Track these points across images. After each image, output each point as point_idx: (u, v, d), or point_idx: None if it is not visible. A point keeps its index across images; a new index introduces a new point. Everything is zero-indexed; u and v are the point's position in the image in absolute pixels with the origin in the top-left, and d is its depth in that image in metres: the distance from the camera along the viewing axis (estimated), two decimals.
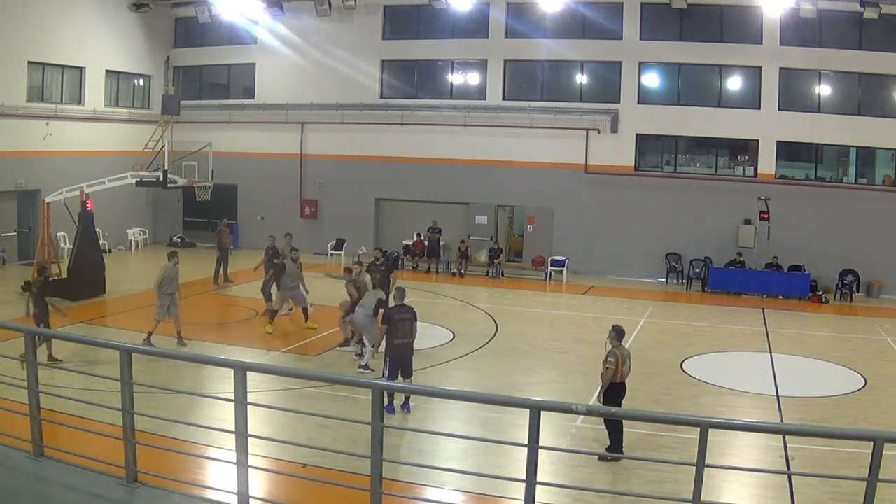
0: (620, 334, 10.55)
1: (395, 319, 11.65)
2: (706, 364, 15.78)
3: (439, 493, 9.04)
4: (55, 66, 25.56)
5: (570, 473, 9.87)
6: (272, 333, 16.84)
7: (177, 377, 13.16)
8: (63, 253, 23.11)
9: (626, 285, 24.83)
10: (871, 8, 22.46)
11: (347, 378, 13.07)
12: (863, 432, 8.84)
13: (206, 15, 28.19)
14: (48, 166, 24.29)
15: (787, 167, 25.28)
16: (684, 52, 25.11)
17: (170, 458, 8.45)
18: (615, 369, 10.19)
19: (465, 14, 26.94)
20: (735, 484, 9.62)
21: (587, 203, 26.15)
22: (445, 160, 27.20)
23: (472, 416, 11.98)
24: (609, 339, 10.51)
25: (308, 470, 9.12)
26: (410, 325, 11.77)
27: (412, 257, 26.71)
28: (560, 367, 15.35)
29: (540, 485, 5.31)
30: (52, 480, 6.30)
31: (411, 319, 11.80)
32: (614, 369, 10.19)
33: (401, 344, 11.66)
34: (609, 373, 10.21)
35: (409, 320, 11.76)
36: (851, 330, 20.12)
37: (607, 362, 10.26)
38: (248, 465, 5.87)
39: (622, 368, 10.28)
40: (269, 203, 29.05)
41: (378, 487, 5.54)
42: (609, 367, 10.21)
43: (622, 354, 10.36)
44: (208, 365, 13.15)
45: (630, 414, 9.91)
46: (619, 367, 10.21)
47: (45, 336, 12.12)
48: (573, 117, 26.01)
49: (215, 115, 29.28)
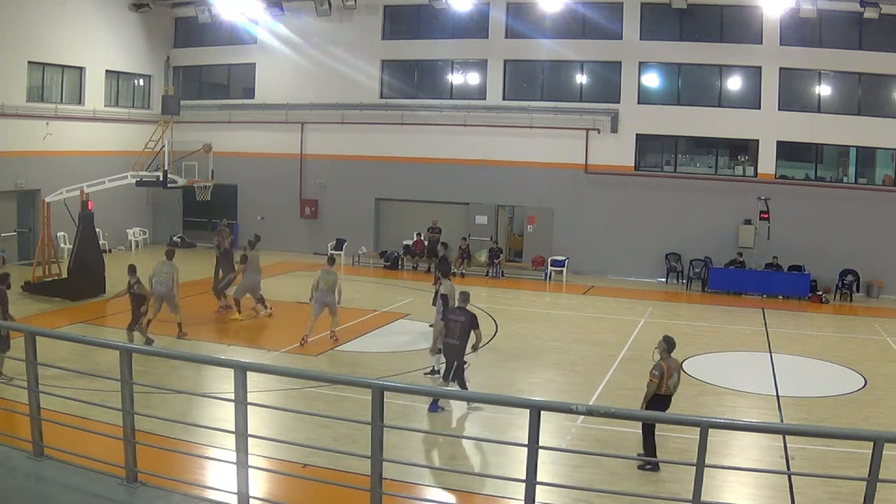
0: (671, 346, 10.08)
1: (448, 319, 12.14)
2: (706, 364, 15.78)
3: (439, 493, 9.05)
4: (55, 66, 25.56)
5: (570, 473, 9.87)
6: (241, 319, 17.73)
7: (177, 377, 13.15)
8: (63, 253, 23.12)
9: (626, 285, 24.83)
10: (871, 8, 22.45)
11: (347, 378, 13.06)
12: (863, 432, 8.84)
13: (206, 15, 28.18)
14: (48, 166, 24.29)
15: (786, 167, 25.28)
16: (684, 52, 25.11)
17: (170, 458, 8.45)
18: (659, 382, 9.79)
19: (465, 14, 26.93)
20: (735, 484, 9.62)
21: (587, 203, 26.15)
22: (445, 160, 27.20)
23: (472, 416, 11.99)
24: (657, 349, 10.09)
25: (308, 470, 9.13)
26: (461, 328, 11.92)
27: (412, 257, 26.72)
28: (560, 367, 15.35)
29: (540, 485, 5.31)
30: (52, 480, 6.30)
31: (464, 323, 11.94)
32: (658, 382, 9.79)
33: (449, 344, 12.02)
34: (652, 385, 9.82)
35: (461, 323, 11.94)
36: (851, 330, 20.13)
37: (651, 374, 9.86)
38: (248, 465, 5.87)
39: (667, 381, 9.83)
40: (269, 203, 29.06)
41: (378, 487, 5.54)
42: (653, 380, 9.81)
43: (669, 367, 9.90)
44: (208, 365, 13.19)
45: (630, 414, 9.89)
46: (663, 380, 9.78)
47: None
48: (573, 117, 26.01)
49: (215, 115, 29.28)
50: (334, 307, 15.97)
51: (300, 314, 19.54)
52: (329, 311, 15.92)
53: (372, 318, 18.85)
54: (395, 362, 15.08)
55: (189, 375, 13.49)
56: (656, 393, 9.87)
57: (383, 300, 21.10)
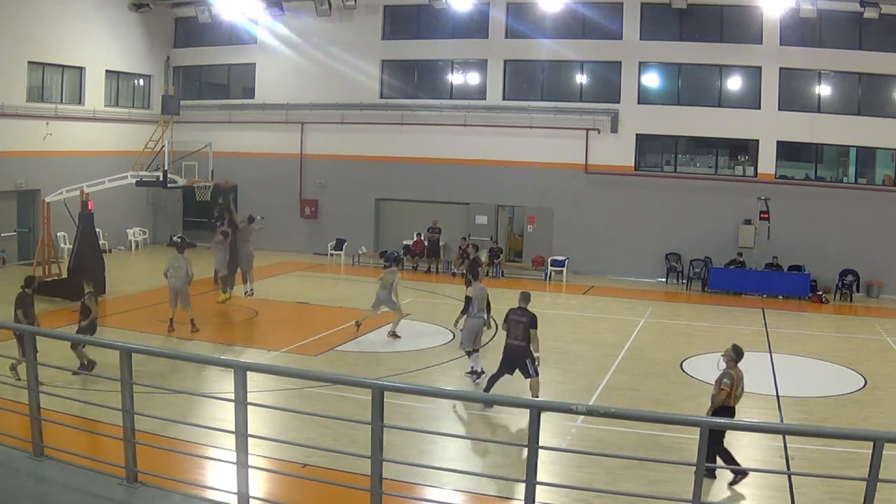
0: (739, 355, 9.73)
1: (510, 319, 12.21)
2: (706, 364, 15.75)
3: (439, 493, 9.04)
4: (55, 66, 25.57)
5: (570, 473, 9.87)
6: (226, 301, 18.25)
7: (177, 377, 13.15)
8: (63, 253, 23.12)
9: (626, 285, 24.82)
10: (871, 8, 22.45)
11: (347, 378, 13.05)
12: (863, 432, 8.83)
13: (206, 15, 28.18)
14: (48, 166, 24.29)
15: (786, 167, 25.28)
16: (684, 52, 25.11)
17: (170, 458, 8.44)
18: (730, 391, 9.43)
19: (465, 14, 26.93)
20: (735, 484, 9.61)
21: (587, 203, 26.15)
22: (445, 160, 27.20)
23: (472, 416, 11.99)
24: (725, 357, 9.75)
25: (308, 470, 9.13)
26: (523, 329, 12.00)
27: (412, 257, 26.71)
28: (560, 367, 15.34)
29: (540, 485, 5.31)
30: (52, 480, 6.30)
31: (526, 324, 12.01)
32: (728, 391, 9.43)
33: (510, 345, 12.17)
34: (722, 395, 9.43)
35: (523, 324, 12.02)
36: (851, 330, 20.13)
37: (722, 383, 9.47)
38: (248, 465, 5.87)
39: (736, 391, 9.49)
40: (269, 203, 29.00)
41: (378, 487, 5.54)
42: (724, 389, 9.44)
43: (738, 376, 9.56)
44: (208, 365, 13.19)
45: (630, 414, 9.87)
46: (733, 390, 9.45)
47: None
48: (573, 117, 26.01)
49: (215, 115, 29.28)
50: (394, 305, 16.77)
51: (300, 314, 19.59)
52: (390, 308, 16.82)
53: (372, 317, 18.81)
54: (395, 362, 15.09)
55: (189, 375, 13.49)
56: (724, 404, 9.44)
57: None
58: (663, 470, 9.70)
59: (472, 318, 13.92)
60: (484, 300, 14.14)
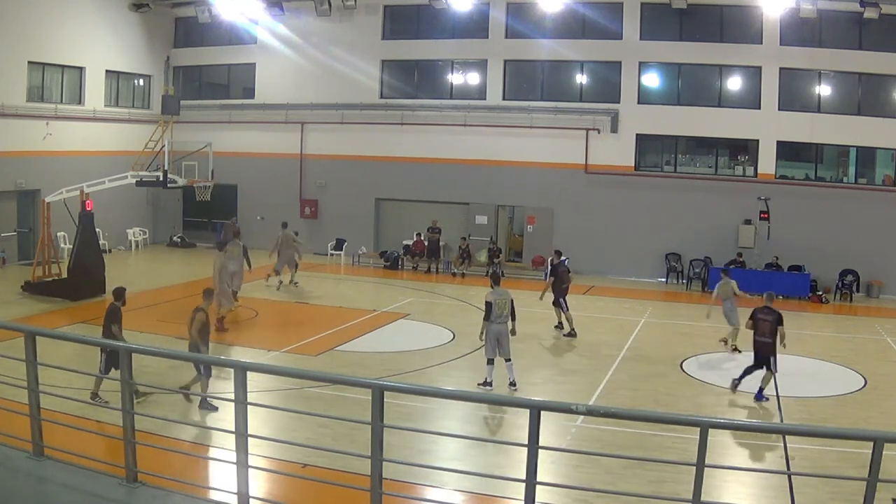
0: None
1: (756, 318, 13.48)
2: (706, 364, 15.79)
3: (439, 493, 9.04)
4: (55, 66, 25.56)
5: (570, 473, 9.87)
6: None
7: (177, 377, 13.14)
8: (63, 253, 23.11)
9: (626, 285, 24.82)
10: (871, 8, 22.45)
11: (347, 378, 13.05)
12: (863, 432, 8.84)
13: (206, 15, 28.17)
14: (48, 166, 24.28)
15: (786, 167, 25.27)
16: (684, 52, 25.11)
17: (170, 458, 8.44)
18: None
19: (465, 14, 26.92)
20: (735, 484, 9.62)
21: (587, 203, 26.14)
22: (445, 160, 27.19)
23: (472, 416, 11.99)
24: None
25: (308, 470, 9.13)
26: (770, 326, 13.19)
27: (412, 257, 26.71)
28: (560, 367, 15.35)
29: (540, 485, 5.31)
30: (52, 480, 6.30)
31: (772, 322, 13.22)
32: None
33: (758, 341, 13.36)
34: None
35: (769, 321, 13.25)
36: (851, 330, 20.12)
37: None
38: (248, 465, 5.87)
39: None
40: (269, 203, 29.00)
41: (378, 487, 5.54)
42: None
43: None
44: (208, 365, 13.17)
45: (630, 414, 9.88)
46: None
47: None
48: (573, 117, 26.00)
49: (215, 115, 29.27)
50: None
51: (300, 314, 19.58)
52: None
53: (372, 318, 18.85)
54: (395, 362, 15.08)
55: (189, 375, 13.47)
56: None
57: (383, 300, 21.10)
58: (663, 470, 9.70)
59: (494, 324, 13.32)
60: (506, 305, 13.38)
